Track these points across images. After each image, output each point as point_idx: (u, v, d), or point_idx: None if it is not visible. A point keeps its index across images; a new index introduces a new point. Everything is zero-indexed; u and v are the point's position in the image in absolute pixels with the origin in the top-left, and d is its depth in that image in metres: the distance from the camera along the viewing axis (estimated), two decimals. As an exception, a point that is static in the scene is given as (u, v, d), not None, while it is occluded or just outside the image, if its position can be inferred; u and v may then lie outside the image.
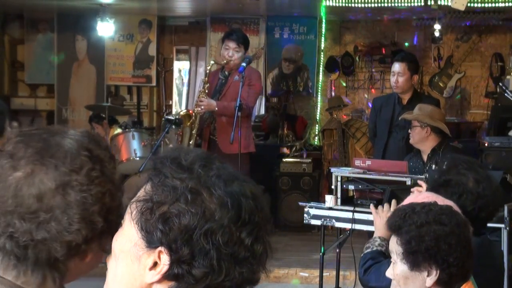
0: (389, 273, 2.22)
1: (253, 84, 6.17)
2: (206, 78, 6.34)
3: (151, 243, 1.23)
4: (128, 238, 1.27)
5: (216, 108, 6.17)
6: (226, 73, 6.35)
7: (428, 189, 2.80)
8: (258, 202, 1.27)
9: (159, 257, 1.23)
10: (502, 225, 4.52)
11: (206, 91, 6.26)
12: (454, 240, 2.10)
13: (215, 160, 1.29)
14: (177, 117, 6.27)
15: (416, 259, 2.12)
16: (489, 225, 4.59)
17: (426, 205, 2.19)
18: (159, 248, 1.22)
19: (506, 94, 8.16)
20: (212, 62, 6.55)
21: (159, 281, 1.24)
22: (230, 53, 6.20)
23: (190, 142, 6.42)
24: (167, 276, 1.23)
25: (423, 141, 5.17)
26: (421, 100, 5.75)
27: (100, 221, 1.32)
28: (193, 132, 6.35)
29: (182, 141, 6.47)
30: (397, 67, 5.86)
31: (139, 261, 1.25)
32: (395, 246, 2.18)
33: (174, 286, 1.24)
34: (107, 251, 1.37)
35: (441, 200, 2.34)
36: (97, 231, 1.33)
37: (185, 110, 6.80)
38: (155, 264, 1.24)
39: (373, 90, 9.65)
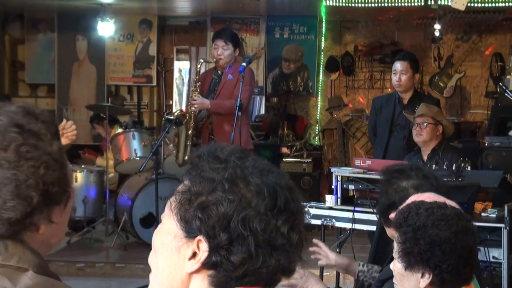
0: (391, 266, 2.24)
1: (248, 81, 6.17)
2: (197, 77, 6.37)
3: (190, 233, 1.27)
4: (167, 231, 1.30)
5: (209, 106, 6.18)
6: (219, 72, 6.37)
7: (379, 218, 2.73)
8: (293, 193, 1.30)
9: (198, 247, 1.26)
10: (502, 225, 4.52)
11: (198, 89, 6.28)
12: (449, 247, 2.07)
13: (250, 153, 1.33)
14: (175, 115, 6.27)
15: (410, 260, 2.11)
16: (489, 225, 4.60)
17: (432, 207, 2.14)
18: (198, 237, 1.25)
19: (506, 94, 8.15)
20: (201, 61, 6.58)
21: (198, 270, 1.27)
22: (218, 52, 6.23)
23: (188, 143, 6.42)
24: (205, 264, 1.26)
25: (432, 139, 5.15)
26: (421, 100, 5.74)
27: (34, 195, 1.32)
28: (189, 132, 6.35)
29: (179, 141, 6.47)
30: (399, 65, 5.82)
31: (179, 252, 1.28)
32: (395, 243, 2.19)
33: (212, 275, 1.26)
34: (56, 222, 1.38)
35: (443, 200, 2.32)
36: (34, 205, 1.32)
37: (179, 110, 6.80)
38: (194, 255, 1.26)
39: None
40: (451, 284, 2.11)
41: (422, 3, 8.19)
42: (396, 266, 2.18)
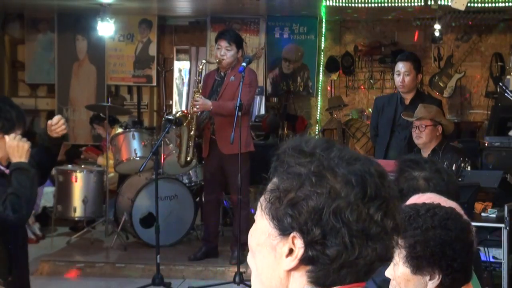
0: (388, 273, 2.20)
1: (248, 82, 6.16)
2: (199, 78, 6.37)
3: (283, 231, 1.26)
4: (261, 230, 1.30)
5: (212, 107, 6.18)
6: (222, 74, 6.37)
7: None
8: (383, 179, 1.27)
9: (293, 243, 1.25)
10: (502, 225, 4.52)
11: (200, 90, 6.28)
12: (459, 245, 2.06)
13: (335, 144, 1.31)
14: (176, 116, 6.27)
15: (419, 263, 2.08)
16: (489, 225, 4.61)
17: (430, 208, 2.12)
18: (292, 234, 1.24)
19: (506, 94, 8.16)
20: (203, 61, 6.57)
21: (297, 267, 1.26)
22: (222, 52, 6.22)
23: (190, 144, 6.41)
24: (303, 260, 1.25)
25: (431, 140, 5.13)
26: (423, 100, 5.70)
27: None
28: (191, 133, 6.35)
29: (181, 142, 6.47)
30: (402, 66, 5.76)
31: (275, 250, 1.27)
32: (399, 249, 2.14)
33: (311, 270, 1.25)
34: None
35: (444, 201, 2.30)
36: None
37: (181, 111, 6.80)
38: (291, 251, 1.25)
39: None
40: (459, 282, 2.10)
41: (422, 3, 8.18)
42: (400, 271, 2.12)
